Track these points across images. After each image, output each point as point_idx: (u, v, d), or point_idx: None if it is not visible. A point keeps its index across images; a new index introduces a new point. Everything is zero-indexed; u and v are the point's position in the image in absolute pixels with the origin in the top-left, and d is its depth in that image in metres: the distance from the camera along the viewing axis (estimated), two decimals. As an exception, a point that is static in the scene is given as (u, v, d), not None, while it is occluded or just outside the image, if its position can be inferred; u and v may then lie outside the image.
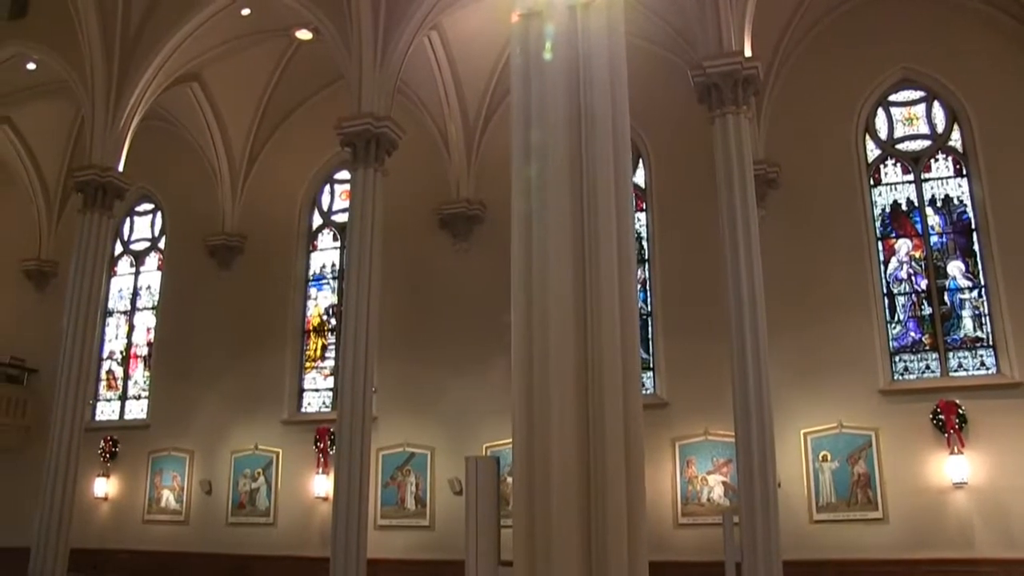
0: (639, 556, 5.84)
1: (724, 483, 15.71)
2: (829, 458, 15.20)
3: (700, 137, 14.98)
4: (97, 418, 21.59)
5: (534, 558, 5.88)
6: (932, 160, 16.46)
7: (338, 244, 20.44)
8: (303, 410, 19.67)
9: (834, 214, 16.27)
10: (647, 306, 17.03)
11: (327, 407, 19.29)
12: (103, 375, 22.17)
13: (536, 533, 5.94)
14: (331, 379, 19.44)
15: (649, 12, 16.53)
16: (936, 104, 16.61)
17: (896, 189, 16.52)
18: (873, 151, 16.82)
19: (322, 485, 18.11)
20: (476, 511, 7.52)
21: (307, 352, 20.05)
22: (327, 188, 20.99)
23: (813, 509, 15.08)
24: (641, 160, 17.90)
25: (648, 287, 17.19)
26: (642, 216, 17.70)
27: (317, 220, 20.93)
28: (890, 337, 15.79)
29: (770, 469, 11.84)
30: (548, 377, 6.23)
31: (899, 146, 16.71)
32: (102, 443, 20.50)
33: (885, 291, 16.03)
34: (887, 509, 14.64)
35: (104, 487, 20.53)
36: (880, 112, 16.92)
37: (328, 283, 20.36)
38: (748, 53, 13.80)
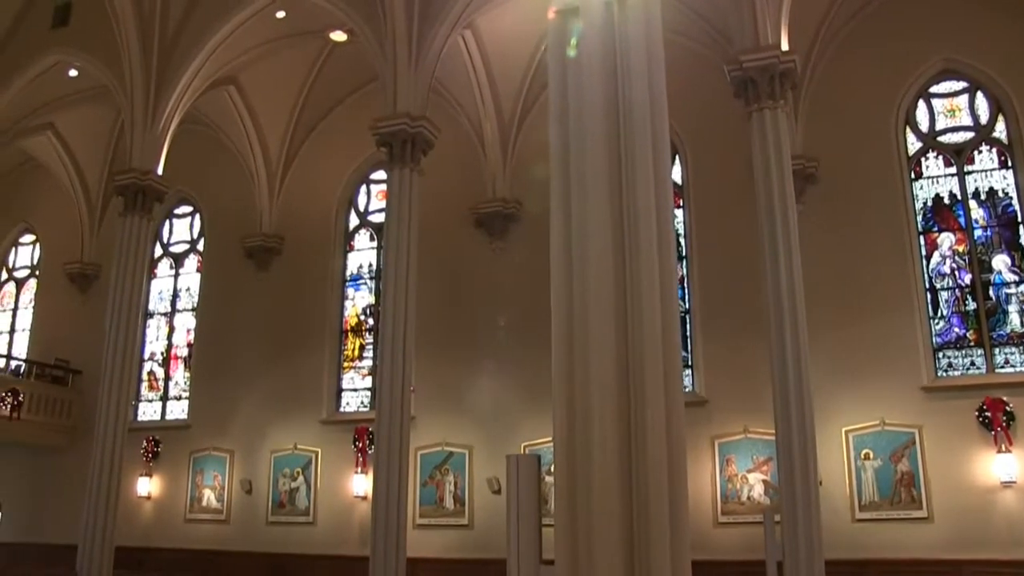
0: (682, 555, 5.80)
1: (764, 481, 15.55)
2: (871, 456, 14.99)
3: (737, 133, 14.88)
4: (139, 418, 21.85)
5: (576, 557, 5.86)
6: (975, 152, 16.16)
7: (375, 244, 20.52)
8: (341, 410, 19.77)
9: (874, 209, 16.03)
10: (685, 304, 16.90)
11: (365, 407, 19.37)
12: (144, 376, 22.44)
13: (578, 532, 5.93)
14: (369, 379, 19.53)
15: (684, 7, 16.41)
16: (979, 95, 16.30)
17: (938, 182, 16.24)
18: (914, 144, 16.54)
19: (361, 484, 18.20)
20: (517, 509, 7.51)
21: (345, 352, 20.16)
22: (363, 188, 21.07)
23: (855, 508, 14.88)
24: (677, 157, 17.77)
25: (686, 284, 17.07)
26: (679, 213, 17.56)
27: (354, 220, 21.03)
28: (933, 333, 15.54)
29: (811, 467, 11.73)
30: (589, 375, 6.20)
31: (941, 138, 16.43)
32: (144, 443, 20.76)
33: (927, 286, 15.77)
34: (932, 508, 14.39)
35: (147, 486, 20.79)
36: (921, 104, 16.64)
37: (365, 283, 20.44)
38: (785, 47, 13.67)
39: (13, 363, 23.31)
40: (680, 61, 16.03)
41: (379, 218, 20.05)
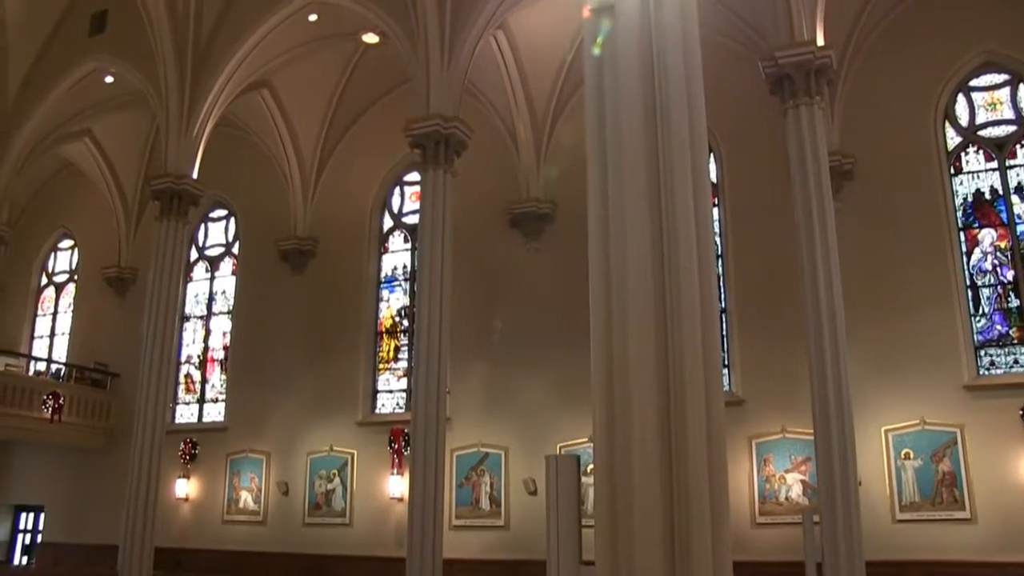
0: (723, 555, 5.77)
1: (803, 482, 15.40)
2: (912, 456, 14.78)
3: (772, 129, 14.75)
4: (177, 421, 22.08)
5: (617, 557, 5.84)
6: (1017, 146, 15.87)
7: (409, 246, 20.56)
8: (377, 411, 19.84)
9: (913, 205, 15.79)
10: (721, 302, 16.76)
11: (401, 408, 19.41)
12: (181, 379, 22.64)
13: (618, 532, 5.92)
14: (404, 380, 19.58)
15: (718, 3, 16.28)
16: (1022, 87, 16.00)
17: (978, 177, 15.98)
18: (953, 139, 16.29)
19: (397, 486, 18.24)
20: (557, 510, 7.49)
21: (380, 354, 20.22)
22: (397, 190, 21.12)
23: (896, 508, 14.67)
24: (712, 154, 17.61)
25: (721, 283, 16.92)
26: (715, 211, 17.43)
27: (388, 222, 21.08)
28: (974, 331, 15.29)
29: (850, 467, 11.63)
30: (628, 375, 6.19)
31: (981, 132, 16.15)
32: (182, 445, 20.95)
33: (968, 283, 15.51)
34: (975, 509, 14.15)
35: (185, 488, 20.99)
36: (960, 98, 16.36)
37: (400, 285, 20.49)
38: (821, 42, 13.54)
39: (53, 366, 23.64)
40: (714, 58, 15.80)
41: (413, 219, 20.09)
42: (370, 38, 18.73)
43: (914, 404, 14.85)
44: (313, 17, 18.17)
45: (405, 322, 20.06)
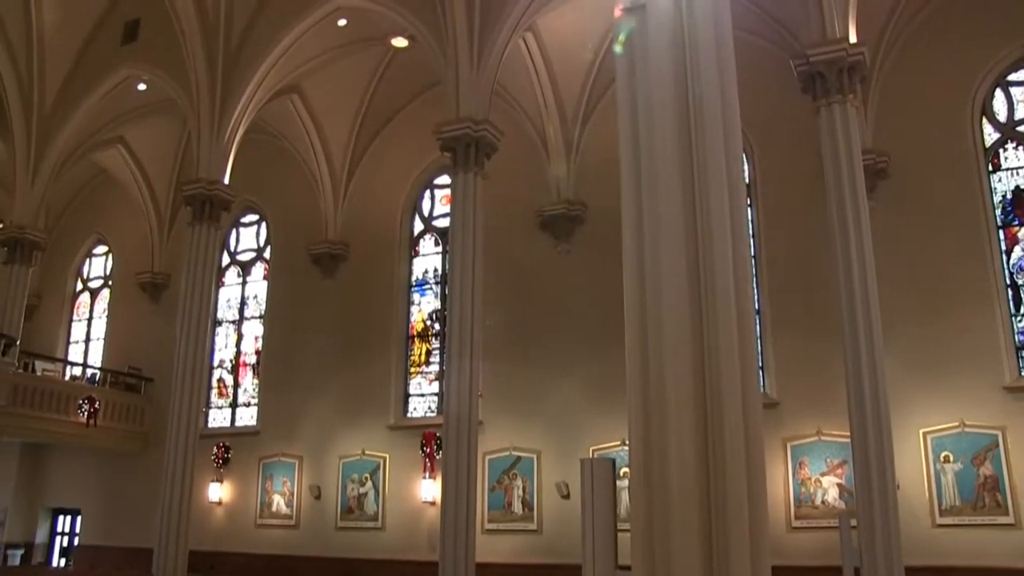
0: (762, 560, 5.75)
1: (839, 485, 15.19)
2: (951, 459, 14.50)
3: (804, 128, 14.60)
4: (210, 425, 22.21)
5: (653, 562, 5.81)
6: (1059, 141, 15.59)
7: (440, 249, 20.54)
8: (409, 415, 19.83)
9: (950, 203, 15.51)
10: (754, 303, 16.55)
11: (432, 412, 19.39)
12: (214, 383, 22.77)
13: (655, 536, 5.90)
14: (436, 384, 19.56)
15: (748, 2, 16.13)
16: (1063, 81, 15.72)
17: (1018, 174, 15.67)
18: (991, 135, 15.99)
19: (429, 489, 18.22)
20: (592, 514, 7.42)
21: (412, 357, 20.20)
22: (427, 193, 21.11)
23: (936, 512, 14.38)
24: (744, 154, 17.45)
25: (755, 283, 16.74)
26: (747, 211, 17.26)
27: (418, 226, 21.08)
28: (1015, 331, 14.99)
29: (888, 470, 11.45)
30: (664, 378, 6.18)
31: (1021, 128, 15.85)
32: (215, 449, 21.07)
33: (1008, 282, 15.21)
34: (1019, 514, 13.82)
35: (218, 492, 21.10)
36: (998, 93, 16.07)
37: (431, 288, 20.47)
38: (853, 39, 13.38)
39: (89, 371, 23.88)
40: (743, 57, 15.62)
41: (444, 223, 20.10)
42: (399, 42, 18.76)
43: (953, 406, 14.56)
44: (342, 22, 18.24)
45: (436, 326, 20.04)
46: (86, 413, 20.89)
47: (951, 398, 14.59)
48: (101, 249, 26.24)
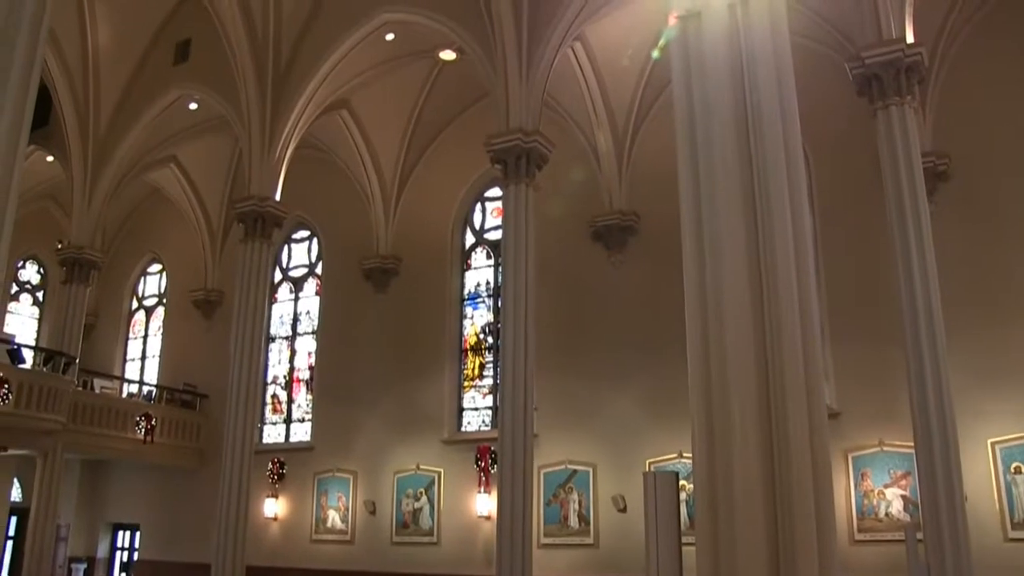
0: (830, 573, 5.68)
1: (903, 497, 14.80)
2: (1023, 470, 14.01)
3: (861, 132, 14.31)
4: (264, 441, 22.33)
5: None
6: None
7: (492, 262, 20.45)
8: (463, 429, 19.74)
9: (1014, 205, 15.06)
10: (814, 312, 16.24)
11: (487, 426, 19.28)
12: (268, 399, 22.89)
13: (720, 551, 5.85)
14: (490, 398, 19.46)
15: (799, 4, 15.84)
16: None
17: (1087, 173, 15.18)
18: (1057, 133, 15.52)
19: (484, 504, 18.10)
20: (656, 527, 7.29)
21: (465, 371, 20.13)
22: (478, 206, 21.04)
23: (1007, 526, 13.90)
24: (800, 160, 17.14)
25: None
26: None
27: (470, 239, 21.02)
28: (1087, 337, 14.48)
29: (956, 482, 11.12)
30: (728, 390, 6.14)
31: (1091, 125, 15.36)
32: (270, 465, 21.14)
33: (1079, 285, 14.73)
34: (1096, 526, 13.36)
35: (274, 507, 21.17)
36: (1064, 90, 15.60)
37: (484, 301, 20.37)
38: (910, 39, 13.13)
39: (145, 388, 24.18)
40: (796, 61, 15.44)
41: (495, 235, 20.04)
42: (447, 55, 18.76)
43: (1023, 415, 14.09)
44: (390, 36, 18.28)
45: (490, 339, 19.94)
46: (143, 430, 21.15)
47: (1021, 407, 14.13)
48: (155, 267, 26.61)
